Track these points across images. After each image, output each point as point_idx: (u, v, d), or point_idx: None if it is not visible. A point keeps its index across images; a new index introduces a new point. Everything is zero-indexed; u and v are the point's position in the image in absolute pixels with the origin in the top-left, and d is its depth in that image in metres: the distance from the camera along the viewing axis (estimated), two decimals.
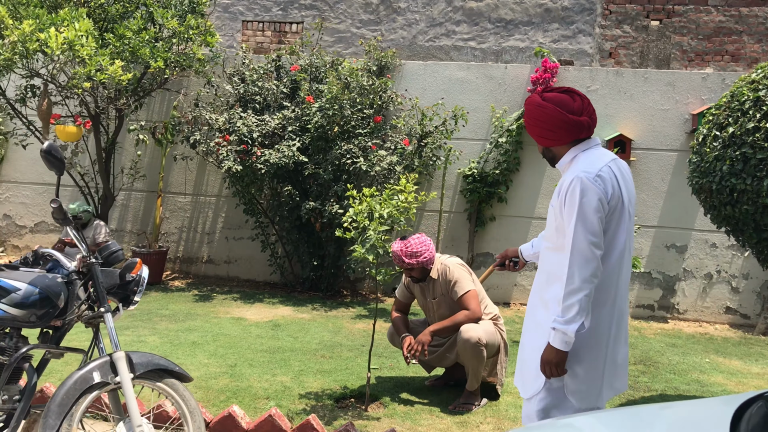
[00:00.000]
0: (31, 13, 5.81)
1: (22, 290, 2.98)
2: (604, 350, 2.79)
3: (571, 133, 2.78)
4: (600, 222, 2.65)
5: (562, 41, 11.00)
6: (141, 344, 5.31)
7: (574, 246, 2.63)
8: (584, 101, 2.83)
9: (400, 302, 4.64)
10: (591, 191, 2.63)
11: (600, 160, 2.74)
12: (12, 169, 8.47)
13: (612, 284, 2.76)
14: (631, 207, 2.84)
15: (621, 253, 2.76)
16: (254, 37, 11.43)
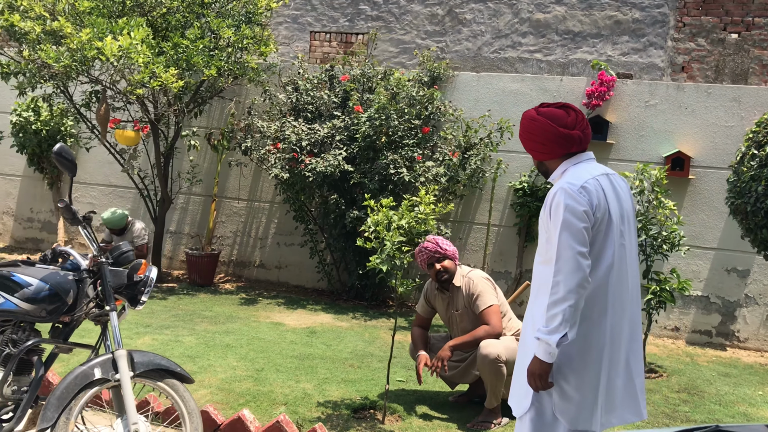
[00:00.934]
0: (92, 22, 6.09)
1: (34, 286, 3.11)
2: (597, 370, 2.69)
3: (561, 147, 2.77)
4: (585, 233, 2.61)
5: (632, 54, 10.67)
6: (177, 343, 5.45)
7: (559, 256, 2.59)
8: (578, 116, 2.82)
9: (421, 317, 4.60)
10: (575, 202, 2.62)
11: (588, 173, 2.72)
12: (81, 170, 8.88)
13: (600, 299, 2.68)
14: (623, 222, 2.75)
15: (609, 268, 2.68)
16: (321, 48, 11.60)
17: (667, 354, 6.47)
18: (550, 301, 2.59)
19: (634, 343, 2.80)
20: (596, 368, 2.70)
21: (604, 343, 2.70)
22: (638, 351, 2.82)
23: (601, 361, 2.70)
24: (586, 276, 2.59)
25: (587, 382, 2.69)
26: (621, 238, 2.74)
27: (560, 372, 2.69)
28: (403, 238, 3.93)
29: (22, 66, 6.59)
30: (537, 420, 2.73)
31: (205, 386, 4.60)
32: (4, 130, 8.75)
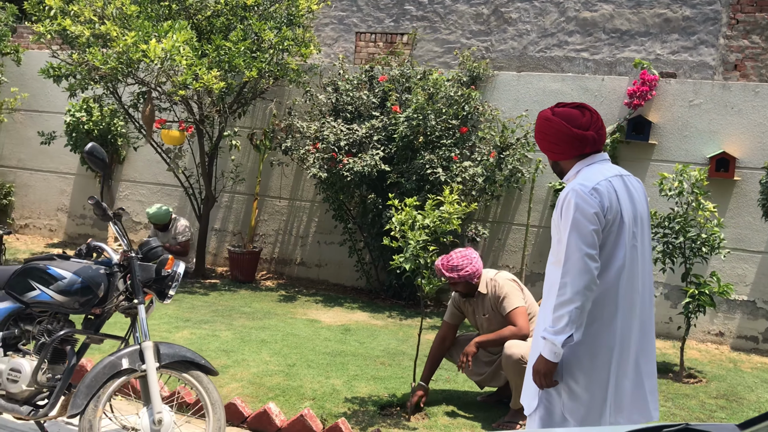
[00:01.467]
0: (138, 26, 6.30)
1: (67, 279, 3.26)
2: (606, 371, 2.70)
3: (575, 148, 2.77)
4: (595, 235, 2.61)
5: (682, 53, 10.43)
6: (213, 338, 5.60)
7: (567, 257, 2.61)
8: (594, 116, 2.81)
9: (448, 325, 4.58)
10: (586, 203, 2.62)
11: (601, 174, 2.73)
12: (131, 169, 9.17)
13: (610, 300, 2.68)
14: (636, 224, 2.74)
15: (620, 270, 2.67)
16: (366, 48, 11.69)
17: (709, 359, 6.33)
18: (557, 302, 2.61)
19: (645, 344, 2.79)
20: (605, 369, 2.70)
21: (614, 345, 2.70)
22: (649, 352, 2.80)
23: (611, 362, 2.70)
24: (593, 278, 2.60)
25: (596, 383, 2.69)
26: (633, 239, 2.73)
27: (569, 372, 2.70)
28: (427, 237, 3.95)
29: (73, 69, 6.85)
30: (546, 418, 2.75)
31: (237, 380, 4.72)
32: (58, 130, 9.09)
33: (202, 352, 5.20)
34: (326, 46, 11.76)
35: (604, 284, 2.66)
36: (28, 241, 9.42)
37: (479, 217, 7.59)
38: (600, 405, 2.69)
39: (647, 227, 2.82)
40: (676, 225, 5.54)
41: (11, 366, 3.23)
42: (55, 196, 9.66)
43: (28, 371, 3.20)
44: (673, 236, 5.58)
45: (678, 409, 4.82)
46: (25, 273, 3.32)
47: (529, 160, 7.27)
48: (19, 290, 3.32)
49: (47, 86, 9.00)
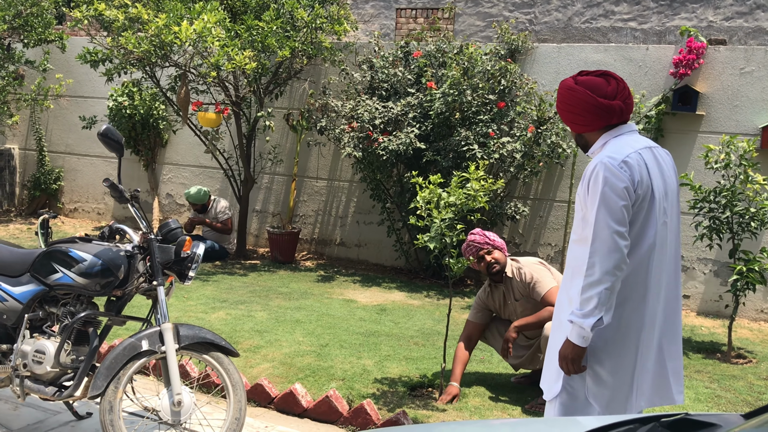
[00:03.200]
0: (171, 8, 6.31)
1: (88, 261, 3.27)
2: (634, 353, 2.58)
3: (601, 118, 2.62)
4: (625, 211, 2.47)
5: (736, 18, 9.94)
6: (249, 318, 5.62)
7: (595, 235, 2.47)
8: (620, 85, 2.64)
9: (473, 324, 4.45)
10: (615, 177, 2.47)
11: (630, 147, 2.58)
12: (174, 152, 9.28)
13: (640, 280, 2.54)
14: (666, 199, 2.59)
15: (650, 248, 2.53)
16: (407, 25, 11.53)
17: (761, 339, 6.06)
18: (585, 283, 2.47)
19: (670, 324, 2.66)
20: (632, 352, 2.58)
21: (642, 326, 2.58)
22: (674, 333, 2.67)
23: (638, 345, 2.58)
24: (623, 257, 2.45)
25: (623, 367, 2.58)
26: (664, 215, 2.58)
27: (595, 356, 2.58)
28: (452, 215, 3.85)
29: (109, 53, 6.93)
30: (569, 404, 2.64)
31: (268, 360, 4.72)
32: (100, 115, 9.26)
33: (236, 332, 5.23)
34: (366, 23, 11.64)
35: (634, 263, 2.53)
36: (77, 224, 9.65)
37: (520, 194, 7.42)
38: (627, 389, 2.58)
39: (677, 202, 2.67)
40: (723, 199, 5.29)
41: (36, 348, 3.27)
42: (101, 180, 9.83)
43: (51, 352, 3.24)
44: (720, 210, 5.34)
45: (724, 390, 4.63)
46: (49, 256, 3.36)
47: (570, 134, 7.04)
48: (44, 273, 3.35)
49: (91, 72, 9.14)
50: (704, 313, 6.78)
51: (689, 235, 6.76)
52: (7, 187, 10.19)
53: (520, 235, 7.48)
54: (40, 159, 9.97)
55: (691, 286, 6.84)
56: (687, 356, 5.38)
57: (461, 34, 11.08)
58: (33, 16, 8.71)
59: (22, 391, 3.30)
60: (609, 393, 2.59)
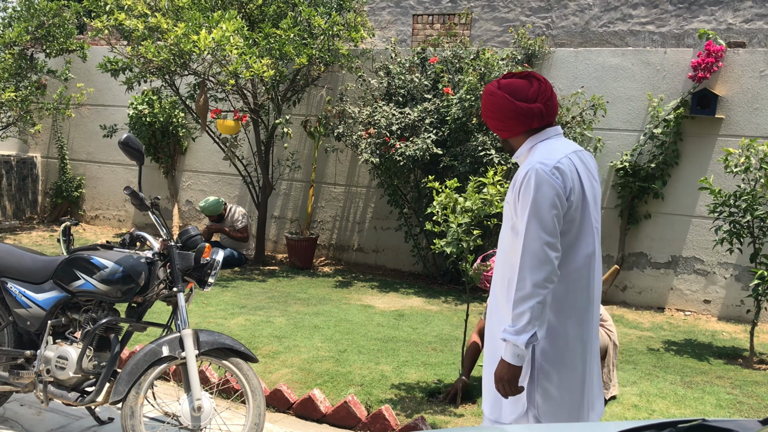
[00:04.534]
0: (189, 17, 6.38)
1: (109, 268, 3.32)
2: (582, 366, 2.49)
3: (522, 123, 2.51)
4: (556, 220, 2.36)
5: (756, 20, 9.86)
6: (267, 324, 5.65)
7: (525, 246, 2.35)
8: (542, 86, 2.52)
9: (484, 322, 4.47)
10: (547, 184, 2.36)
11: (560, 151, 2.46)
12: (193, 159, 9.36)
13: (582, 290, 2.47)
14: (595, 205, 2.52)
15: (589, 256, 2.46)
16: (423, 31, 11.56)
17: None
18: (516, 298, 2.34)
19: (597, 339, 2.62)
20: (581, 364, 2.49)
21: (589, 337, 2.50)
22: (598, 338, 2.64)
23: (585, 357, 2.50)
24: (554, 269, 2.35)
25: (573, 381, 2.48)
26: (597, 223, 2.53)
27: (543, 372, 2.46)
28: (469, 220, 3.85)
29: (129, 62, 7.02)
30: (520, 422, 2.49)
31: (287, 365, 4.74)
32: (120, 123, 9.37)
33: (255, 338, 5.26)
34: (382, 30, 11.68)
35: (573, 273, 2.44)
36: (98, 231, 9.76)
37: None
38: (578, 403, 2.49)
39: (599, 209, 2.58)
40: (743, 203, 5.25)
41: (59, 353, 3.32)
42: (122, 187, 9.95)
43: (74, 358, 3.28)
44: (740, 215, 5.29)
45: (746, 396, 4.58)
46: (71, 263, 3.40)
47: (588, 138, 7.02)
48: (66, 280, 3.40)
49: (111, 81, 9.26)
50: (725, 318, 6.72)
51: (709, 240, 6.71)
52: (29, 195, 10.34)
53: None
54: (62, 167, 10.11)
55: (711, 291, 6.79)
56: (708, 362, 5.33)
57: (478, 39, 11.09)
58: (55, 26, 8.84)
59: (46, 396, 3.35)
60: (560, 410, 2.47)
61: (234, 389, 4.12)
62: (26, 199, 10.29)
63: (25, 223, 9.99)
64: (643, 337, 5.94)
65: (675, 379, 4.83)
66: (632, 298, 7.11)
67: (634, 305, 7.07)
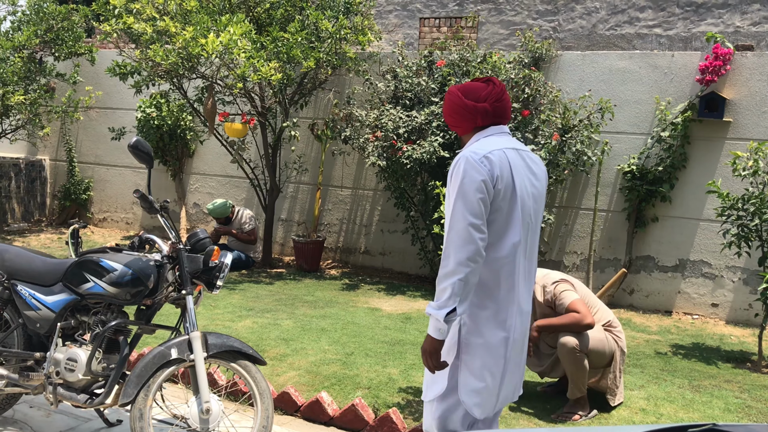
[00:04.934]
0: (198, 20, 6.41)
1: (118, 270, 3.33)
2: (502, 352, 2.62)
3: (469, 120, 2.70)
4: (482, 204, 2.49)
5: (764, 23, 9.83)
6: (275, 326, 5.66)
7: (451, 226, 2.50)
8: (495, 89, 2.71)
9: None
10: (474, 170, 2.51)
11: (495, 145, 2.63)
12: (201, 162, 9.40)
13: (507, 277, 2.59)
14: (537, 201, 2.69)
15: (515, 245, 2.58)
16: (430, 34, 11.58)
17: None
18: (441, 274, 2.48)
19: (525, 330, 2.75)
20: (501, 349, 2.61)
21: (512, 324, 2.62)
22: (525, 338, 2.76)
23: (508, 343, 2.62)
24: (478, 249, 2.46)
25: (492, 365, 2.60)
26: (529, 217, 2.65)
27: (468, 351, 2.60)
28: None
29: (137, 66, 7.05)
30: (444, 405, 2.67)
31: (294, 368, 4.75)
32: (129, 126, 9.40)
33: (263, 340, 5.27)
34: (389, 33, 11.70)
35: (499, 259, 2.57)
36: (106, 234, 9.80)
37: (545, 203, 7.39)
38: (496, 388, 2.63)
39: (542, 208, 2.75)
40: (751, 206, 5.24)
41: (68, 356, 3.34)
42: (130, 190, 10.00)
43: (83, 360, 3.30)
44: (748, 218, 5.28)
45: (754, 401, 4.57)
46: (80, 265, 3.42)
47: (595, 141, 7.02)
48: (75, 282, 3.42)
49: (120, 84, 9.31)
50: (733, 321, 6.70)
51: (717, 243, 6.69)
52: (38, 198, 10.39)
53: (545, 243, 7.46)
54: (70, 170, 10.16)
55: (719, 295, 6.77)
56: (716, 366, 5.32)
57: (484, 42, 11.09)
58: (64, 30, 8.89)
59: (55, 398, 3.37)
60: (481, 390, 2.60)
61: (242, 392, 4.13)
62: (35, 202, 10.35)
63: (33, 226, 10.04)
64: (650, 341, 5.93)
65: (683, 383, 4.82)
66: (640, 302, 7.10)
67: (642, 309, 7.05)
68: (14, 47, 8.63)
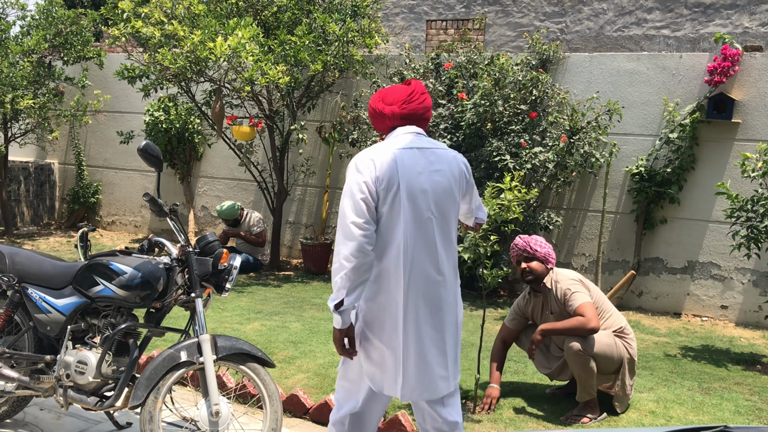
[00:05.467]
0: (206, 24, 6.43)
1: (128, 274, 3.35)
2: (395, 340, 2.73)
3: (379, 122, 2.86)
4: (363, 203, 2.64)
5: None
6: (283, 329, 5.67)
7: (339, 224, 2.68)
8: (406, 92, 2.80)
9: (508, 329, 4.46)
10: (358, 172, 2.69)
11: (391, 146, 2.74)
12: (209, 165, 9.42)
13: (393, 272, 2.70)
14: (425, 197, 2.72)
15: (398, 246, 2.69)
16: (437, 36, 11.58)
17: None
18: (332, 270, 2.68)
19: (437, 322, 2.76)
20: (394, 339, 2.72)
21: (399, 319, 2.71)
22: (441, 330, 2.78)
23: (398, 334, 2.71)
24: (360, 245, 2.60)
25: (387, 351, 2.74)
26: (429, 212, 2.72)
27: (366, 337, 2.78)
28: (486, 226, 3.85)
29: (146, 69, 7.08)
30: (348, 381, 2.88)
31: (303, 371, 4.76)
32: (137, 130, 9.43)
33: (271, 343, 5.28)
34: (396, 36, 11.71)
35: (388, 253, 2.70)
36: (115, 237, 9.84)
37: (553, 204, 7.39)
38: (392, 373, 2.74)
39: (452, 200, 2.79)
40: (761, 208, 5.22)
41: (78, 358, 3.35)
42: (138, 193, 10.04)
43: (93, 363, 3.31)
44: (758, 220, 5.26)
45: (765, 403, 4.54)
46: (90, 269, 3.44)
47: (603, 143, 7.01)
48: (85, 285, 3.43)
49: (128, 88, 9.35)
50: (743, 323, 6.66)
51: (726, 245, 6.66)
52: (47, 201, 10.45)
53: (553, 245, 7.44)
54: (79, 173, 10.21)
55: (729, 297, 6.74)
56: (726, 368, 5.30)
57: (492, 44, 11.09)
58: (73, 34, 8.94)
59: (65, 400, 3.38)
60: (379, 373, 2.76)
61: (251, 394, 4.14)
62: (44, 205, 10.40)
63: (42, 229, 10.09)
64: (659, 343, 5.91)
65: (692, 385, 4.80)
66: (648, 304, 7.08)
67: (651, 311, 7.03)
68: (24, 52, 8.68)
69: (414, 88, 2.83)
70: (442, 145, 2.88)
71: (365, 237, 2.61)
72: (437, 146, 2.83)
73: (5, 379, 3.50)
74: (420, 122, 2.84)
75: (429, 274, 2.74)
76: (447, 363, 2.81)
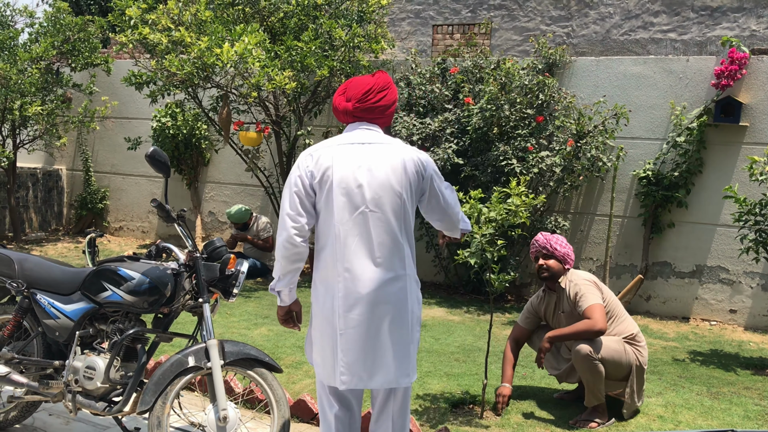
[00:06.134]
0: (212, 30, 6.46)
1: (136, 279, 3.36)
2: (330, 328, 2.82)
3: (339, 116, 2.93)
4: (297, 197, 2.80)
5: None
6: (290, 334, 5.68)
7: (280, 215, 2.88)
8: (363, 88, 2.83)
9: (521, 328, 4.47)
10: (296, 167, 2.85)
11: (333, 141, 2.85)
12: (216, 170, 9.45)
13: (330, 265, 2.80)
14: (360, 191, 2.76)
15: (335, 241, 2.77)
16: (443, 41, 11.59)
17: None
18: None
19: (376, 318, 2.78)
20: (329, 327, 2.82)
21: (334, 307, 2.80)
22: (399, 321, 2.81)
23: (334, 322, 2.80)
24: (289, 236, 2.78)
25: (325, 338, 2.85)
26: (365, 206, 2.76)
27: (311, 321, 2.94)
28: (493, 231, 3.85)
29: (153, 75, 7.12)
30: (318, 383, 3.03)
31: (310, 376, 4.76)
32: (146, 136, 9.47)
33: (278, 348, 5.29)
34: (403, 41, 11.73)
35: (325, 242, 2.83)
36: (122, 242, 9.87)
37: (560, 209, 7.37)
38: (330, 360, 2.84)
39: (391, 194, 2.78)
40: None
41: (87, 364, 3.36)
42: (146, 199, 10.07)
43: (102, 368, 3.32)
44: (766, 223, 5.24)
45: None
46: (98, 274, 3.45)
47: (611, 147, 7.00)
48: (93, 291, 3.45)
49: (135, 94, 9.39)
50: (752, 328, 6.63)
51: (734, 249, 6.64)
52: (55, 207, 10.49)
53: None
54: (87, 179, 10.25)
55: (737, 301, 6.71)
56: (735, 372, 5.27)
57: (498, 49, 11.10)
58: (80, 41, 8.99)
59: (74, 405, 3.39)
60: (319, 356, 2.90)
61: (258, 399, 4.14)
62: (52, 211, 10.45)
63: (50, 235, 10.13)
64: (668, 348, 5.89)
65: (701, 389, 4.77)
66: (656, 308, 7.05)
67: (659, 315, 7.01)
68: (32, 59, 8.74)
69: (374, 83, 2.84)
70: (391, 140, 2.87)
71: (295, 229, 2.78)
72: (383, 141, 2.84)
73: (15, 384, 3.51)
74: (380, 118, 2.88)
75: (365, 267, 2.77)
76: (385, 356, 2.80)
